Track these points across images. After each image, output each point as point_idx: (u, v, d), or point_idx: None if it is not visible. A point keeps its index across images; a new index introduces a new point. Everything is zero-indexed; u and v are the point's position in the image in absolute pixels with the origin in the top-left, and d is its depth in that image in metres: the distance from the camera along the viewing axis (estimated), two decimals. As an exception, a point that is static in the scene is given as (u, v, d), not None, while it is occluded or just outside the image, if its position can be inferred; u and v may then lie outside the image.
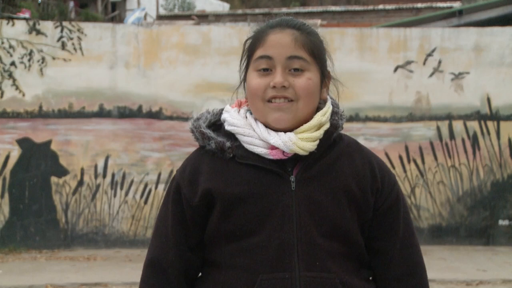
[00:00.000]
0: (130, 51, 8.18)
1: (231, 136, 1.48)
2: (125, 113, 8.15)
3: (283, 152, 1.42)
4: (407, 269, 1.50)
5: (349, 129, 8.05)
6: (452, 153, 8.33)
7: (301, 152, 1.41)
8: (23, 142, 8.01)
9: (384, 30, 8.61)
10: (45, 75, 8.06)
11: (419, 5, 17.42)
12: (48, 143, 8.04)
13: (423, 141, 8.32)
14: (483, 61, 8.34)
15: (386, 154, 8.19)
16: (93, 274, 6.52)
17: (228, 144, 1.45)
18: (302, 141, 1.41)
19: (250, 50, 1.48)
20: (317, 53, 1.46)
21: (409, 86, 8.34)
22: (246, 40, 1.51)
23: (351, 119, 8.15)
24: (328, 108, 1.48)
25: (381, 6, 17.39)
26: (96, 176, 8.09)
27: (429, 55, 8.34)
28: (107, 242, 8.07)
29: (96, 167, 8.09)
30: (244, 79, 1.52)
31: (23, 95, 8.03)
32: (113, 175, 8.11)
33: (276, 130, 1.43)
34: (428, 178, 8.30)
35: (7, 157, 7.99)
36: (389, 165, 8.18)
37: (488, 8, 10.03)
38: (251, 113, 1.50)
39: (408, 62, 8.34)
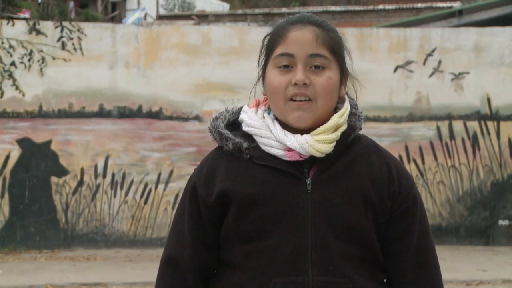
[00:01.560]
0: (130, 51, 8.18)
1: (249, 136, 1.47)
2: (125, 113, 8.15)
3: (300, 154, 1.40)
4: (421, 273, 1.48)
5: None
6: (452, 153, 8.33)
7: (318, 154, 1.40)
8: (23, 142, 8.01)
9: (384, 30, 8.61)
10: (45, 75, 8.05)
11: (419, 5, 17.43)
12: (48, 143, 8.04)
13: (423, 141, 8.33)
14: (483, 61, 8.34)
15: (386, 154, 8.19)
16: (93, 274, 6.52)
17: (245, 145, 1.45)
18: (318, 143, 1.39)
19: (270, 46, 1.46)
20: (337, 50, 1.46)
21: (409, 86, 8.35)
22: (265, 36, 1.49)
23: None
24: (346, 109, 1.46)
25: (381, 6, 17.39)
26: (96, 176, 8.09)
27: (429, 55, 8.34)
28: (107, 242, 8.07)
29: (96, 167, 8.09)
30: (262, 76, 1.50)
31: (23, 95, 8.02)
32: (113, 175, 8.11)
33: (295, 129, 1.42)
34: (428, 178, 8.31)
35: (7, 157, 7.98)
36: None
37: (488, 8, 10.03)
38: (268, 113, 1.49)
39: (408, 62, 8.34)
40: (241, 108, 1.54)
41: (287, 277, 1.38)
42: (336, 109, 1.47)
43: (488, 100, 8.34)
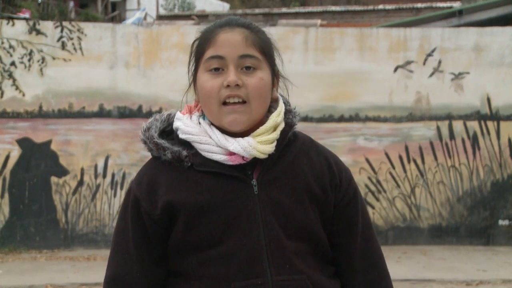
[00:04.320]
0: (130, 51, 8.18)
1: (186, 144, 1.44)
2: (125, 113, 8.15)
3: (243, 157, 1.39)
4: (369, 261, 1.51)
5: (349, 129, 8.07)
6: (452, 153, 8.33)
7: (261, 156, 1.39)
8: (23, 142, 8.01)
9: (384, 30, 8.61)
10: (45, 75, 8.05)
11: (419, 5, 17.42)
12: (48, 143, 8.04)
13: (423, 141, 8.32)
14: (483, 61, 8.34)
15: (386, 154, 8.19)
16: (93, 274, 6.52)
17: (184, 153, 1.42)
18: (261, 144, 1.38)
19: (199, 51, 1.45)
20: (267, 52, 1.45)
21: (409, 86, 8.34)
22: (194, 41, 1.48)
23: (351, 119, 8.15)
24: (281, 108, 1.47)
25: (381, 6, 17.39)
26: (96, 176, 8.09)
27: (429, 55, 8.34)
28: (107, 242, 8.06)
29: (96, 167, 8.09)
30: (194, 82, 1.50)
31: (23, 95, 8.03)
32: (113, 175, 8.11)
33: (232, 133, 1.41)
34: (428, 178, 8.30)
35: (7, 157, 7.99)
36: (389, 165, 8.19)
37: (488, 8, 10.03)
38: (203, 119, 1.47)
39: (408, 62, 8.34)
40: (169, 115, 1.53)
41: (246, 280, 1.37)
42: (270, 110, 1.46)
43: (488, 100, 8.34)
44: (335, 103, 8.11)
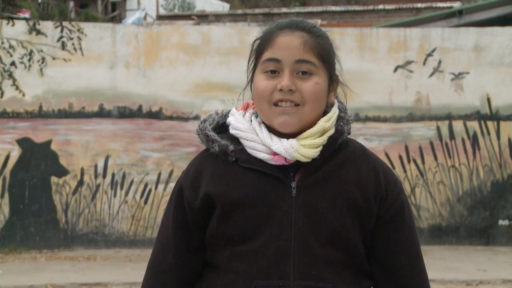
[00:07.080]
0: (130, 51, 8.17)
1: (236, 139, 1.46)
2: (125, 113, 8.15)
3: (286, 158, 1.40)
4: (410, 280, 1.48)
5: (349, 129, 8.05)
6: (452, 153, 8.33)
7: (303, 159, 1.39)
8: (23, 142, 8.01)
9: (384, 30, 8.61)
10: (45, 75, 8.05)
11: (419, 5, 17.44)
12: (48, 143, 8.04)
13: (423, 141, 8.33)
14: (483, 61, 8.34)
15: (386, 154, 8.19)
16: (93, 274, 6.52)
17: (231, 147, 1.43)
18: (304, 148, 1.38)
19: (258, 51, 1.46)
20: (325, 57, 1.45)
21: (409, 86, 8.34)
22: (255, 41, 1.48)
23: (351, 119, 8.14)
24: (333, 114, 1.46)
25: (381, 6, 17.40)
26: (96, 176, 8.09)
27: (429, 55, 8.34)
28: (107, 242, 8.07)
29: (96, 167, 8.09)
30: (251, 80, 1.49)
31: (23, 95, 8.02)
32: (113, 175, 8.11)
33: (281, 134, 1.41)
34: (428, 178, 8.30)
35: (7, 157, 7.98)
36: (389, 165, 8.18)
37: (488, 8, 10.03)
38: (256, 117, 1.47)
39: (408, 62, 8.34)
40: (229, 111, 1.54)
41: (268, 280, 1.37)
42: (325, 114, 1.46)
43: (488, 100, 8.34)
44: (335, 103, 8.10)
